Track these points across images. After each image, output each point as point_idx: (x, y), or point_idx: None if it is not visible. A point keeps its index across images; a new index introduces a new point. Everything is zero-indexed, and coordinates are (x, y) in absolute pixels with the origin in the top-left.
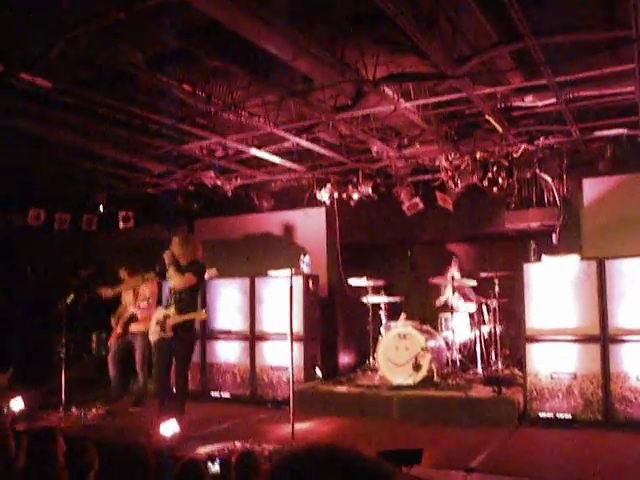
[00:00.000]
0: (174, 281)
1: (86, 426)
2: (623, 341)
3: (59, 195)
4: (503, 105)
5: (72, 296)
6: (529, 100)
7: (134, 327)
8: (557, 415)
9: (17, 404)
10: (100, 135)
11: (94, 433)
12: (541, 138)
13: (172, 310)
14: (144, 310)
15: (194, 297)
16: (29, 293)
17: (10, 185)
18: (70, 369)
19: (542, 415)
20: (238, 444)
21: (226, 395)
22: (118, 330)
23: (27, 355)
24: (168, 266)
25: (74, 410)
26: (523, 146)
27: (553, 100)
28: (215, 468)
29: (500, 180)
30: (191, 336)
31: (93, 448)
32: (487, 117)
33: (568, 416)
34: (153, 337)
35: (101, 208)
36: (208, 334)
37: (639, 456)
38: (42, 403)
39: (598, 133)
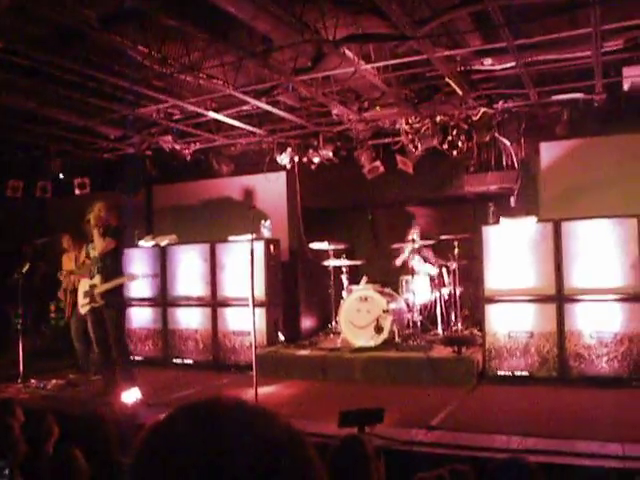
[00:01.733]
0: (97, 245)
1: (45, 397)
2: (578, 300)
3: (11, 161)
4: (463, 68)
5: (27, 266)
6: (488, 63)
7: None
8: (515, 373)
9: None
10: (53, 98)
11: (54, 403)
12: (500, 102)
13: (97, 279)
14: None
15: (118, 263)
16: None
17: None
18: (27, 340)
19: (500, 373)
20: None
21: (188, 361)
22: (69, 301)
23: None
24: (92, 229)
25: (33, 381)
26: (482, 109)
27: (512, 63)
28: None
29: (460, 143)
30: (121, 301)
31: (52, 418)
32: (447, 80)
33: (525, 374)
34: (83, 309)
35: (60, 175)
36: (169, 301)
37: (591, 410)
38: (0, 375)
39: (555, 97)
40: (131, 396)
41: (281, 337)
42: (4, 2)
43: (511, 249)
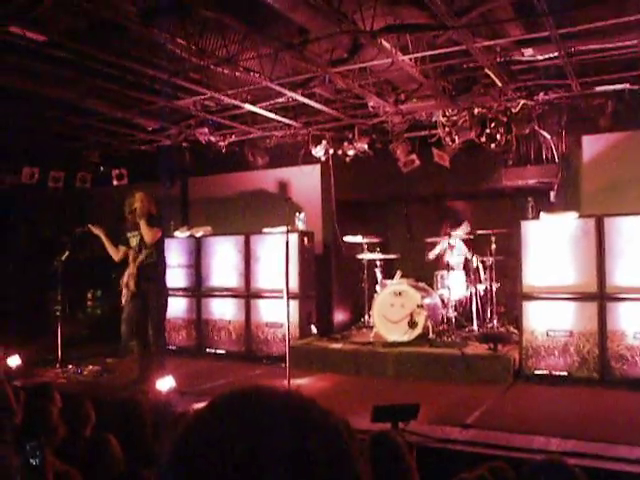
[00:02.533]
0: (146, 235)
1: (82, 382)
2: (620, 299)
3: (53, 153)
4: (502, 59)
5: (67, 254)
6: (529, 54)
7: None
8: (553, 372)
9: (14, 360)
10: (92, 91)
11: (90, 389)
12: (540, 93)
13: (132, 267)
14: None
15: (162, 252)
16: (24, 252)
17: (3, 144)
18: (65, 327)
19: (537, 372)
20: None
21: (221, 352)
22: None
23: (23, 313)
24: (139, 219)
25: (70, 367)
26: (522, 101)
27: (554, 54)
28: None
29: (498, 136)
30: (159, 289)
31: (90, 404)
32: (486, 71)
33: (564, 373)
34: (124, 299)
35: (101, 168)
36: (203, 291)
37: (634, 413)
38: (38, 360)
39: (599, 88)
40: (165, 384)
41: (314, 330)
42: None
43: (551, 245)
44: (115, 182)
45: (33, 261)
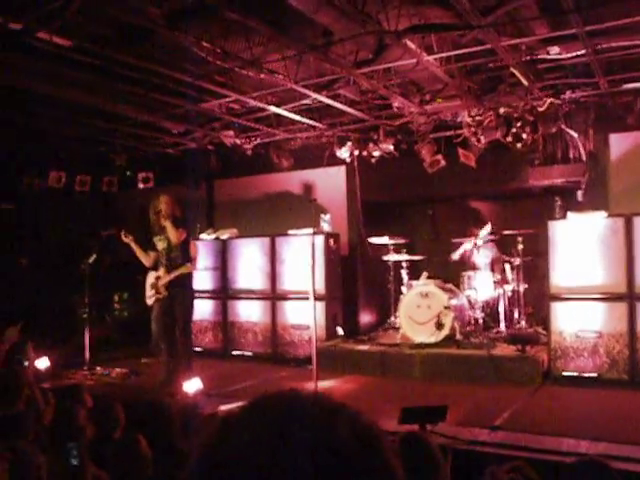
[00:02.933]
0: (172, 236)
1: (110, 384)
2: None
3: (79, 157)
4: (528, 57)
5: (94, 257)
6: (555, 52)
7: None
8: (582, 374)
9: (42, 363)
10: (118, 95)
11: (118, 391)
12: (567, 92)
13: (162, 271)
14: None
15: (185, 253)
16: (52, 255)
17: (31, 148)
18: (93, 329)
19: (566, 374)
20: None
21: (248, 354)
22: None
23: (51, 316)
24: (164, 222)
25: (98, 368)
26: (549, 100)
27: (580, 51)
28: None
29: (524, 136)
30: (186, 292)
31: (119, 406)
32: (512, 70)
33: (593, 375)
34: (150, 301)
35: (127, 173)
36: (230, 293)
37: None
38: (66, 362)
39: (627, 86)
40: (193, 386)
41: (340, 331)
42: (75, 4)
43: (579, 245)
44: (141, 185)
45: (60, 264)
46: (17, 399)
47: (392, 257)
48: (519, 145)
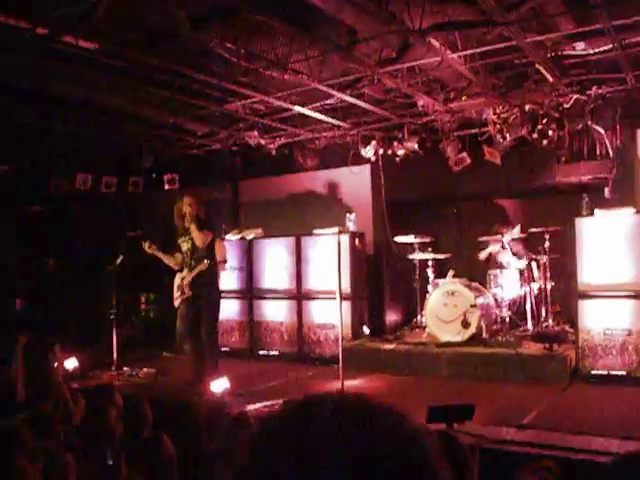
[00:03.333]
0: (197, 238)
1: (138, 385)
2: None
3: (106, 159)
4: (554, 53)
5: (121, 258)
6: (581, 47)
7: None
8: (610, 372)
9: (71, 363)
10: (143, 97)
11: (146, 391)
12: (594, 87)
13: (186, 272)
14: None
15: (210, 254)
16: (78, 256)
17: (59, 150)
18: (120, 330)
19: (595, 372)
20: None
21: (274, 353)
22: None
23: (79, 316)
24: (189, 224)
25: (126, 369)
26: (574, 96)
27: (606, 47)
28: None
29: (550, 132)
30: (212, 292)
31: (148, 405)
32: (537, 67)
33: (622, 373)
34: (177, 302)
35: (153, 175)
36: (255, 293)
37: None
38: (94, 363)
39: None
40: (220, 386)
41: (366, 330)
42: (101, 7)
43: (606, 242)
44: (167, 186)
45: (88, 265)
46: (47, 400)
47: (418, 256)
48: (545, 142)
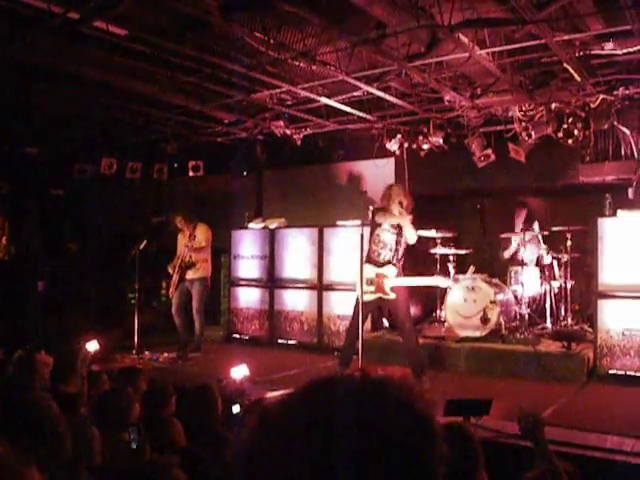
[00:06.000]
0: (410, 237)
1: (158, 369)
2: None
3: (131, 144)
4: (582, 53)
5: (144, 243)
6: (609, 48)
7: (192, 274)
8: (628, 373)
9: (92, 346)
10: (171, 84)
11: (167, 375)
12: (621, 88)
13: (390, 269)
14: (199, 255)
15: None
16: (102, 241)
17: (85, 134)
18: (141, 315)
19: (612, 372)
20: None
21: (293, 342)
22: (175, 277)
23: (101, 301)
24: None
25: (147, 353)
26: (601, 96)
27: (635, 48)
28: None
29: (576, 132)
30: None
31: (171, 388)
32: (565, 66)
33: (639, 374)
34: (365, 297)
35: (176, 163)
36: (276, 282)
37: None
38: (115, 346)
39: None
40: (239, 373)
41: (386, 323)
42: None
43: (628, 243)
44: (191, 173)
45: (111, 250)
46: (74, 379)
47: (439, 250)
48: (570, 141)
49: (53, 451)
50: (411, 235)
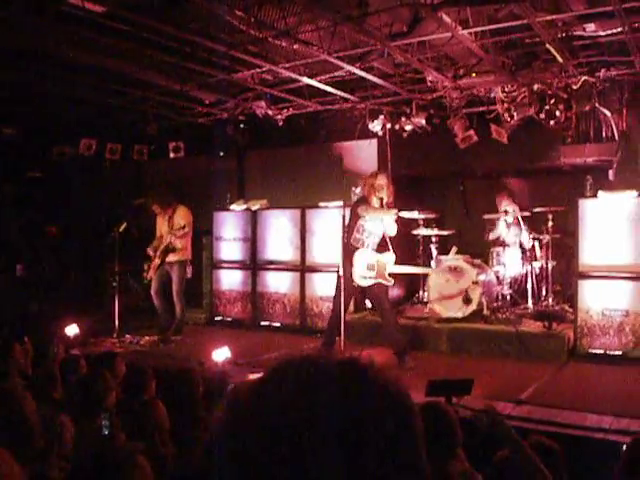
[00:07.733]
0: (391, 230)
1: (139, 352)
2: None
3: (110, 125)
4: (564, 34)
5: (124, 225)
6: (591, 29)
7: (171, 257)
8: (607, 352)
9: (72, 330)
10: (150, 63)
11: (147, 359)
12: (602, 70)
13: (390, 256)
14: (180, 239)
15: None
16: (82, 224)
17: (63, 115)
18: (122, 298)
19: (592, 351)
20: None
21: (276, 324)
22: (156, 261)
23: (81, 284)
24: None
25: (127, 336)
26: (583, 78)
27: (617, 29)
28: None
29: (558, 113)
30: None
31: (151, 372)
32: (547, 47)
33: (618, 353)
34: (364, 282)
35: (152, 146)
36: (259, 264)
37: None
38: (96, 330)
39: None
40: (221, 355)
41: (368, 304)
42: None
43: (608, 224)
44: (172, 154)
45: (91, 232)
46: (48, 364)
47: (422, 231)
48: (552, 122)
49: (24, 442)
50: (392, 229)
